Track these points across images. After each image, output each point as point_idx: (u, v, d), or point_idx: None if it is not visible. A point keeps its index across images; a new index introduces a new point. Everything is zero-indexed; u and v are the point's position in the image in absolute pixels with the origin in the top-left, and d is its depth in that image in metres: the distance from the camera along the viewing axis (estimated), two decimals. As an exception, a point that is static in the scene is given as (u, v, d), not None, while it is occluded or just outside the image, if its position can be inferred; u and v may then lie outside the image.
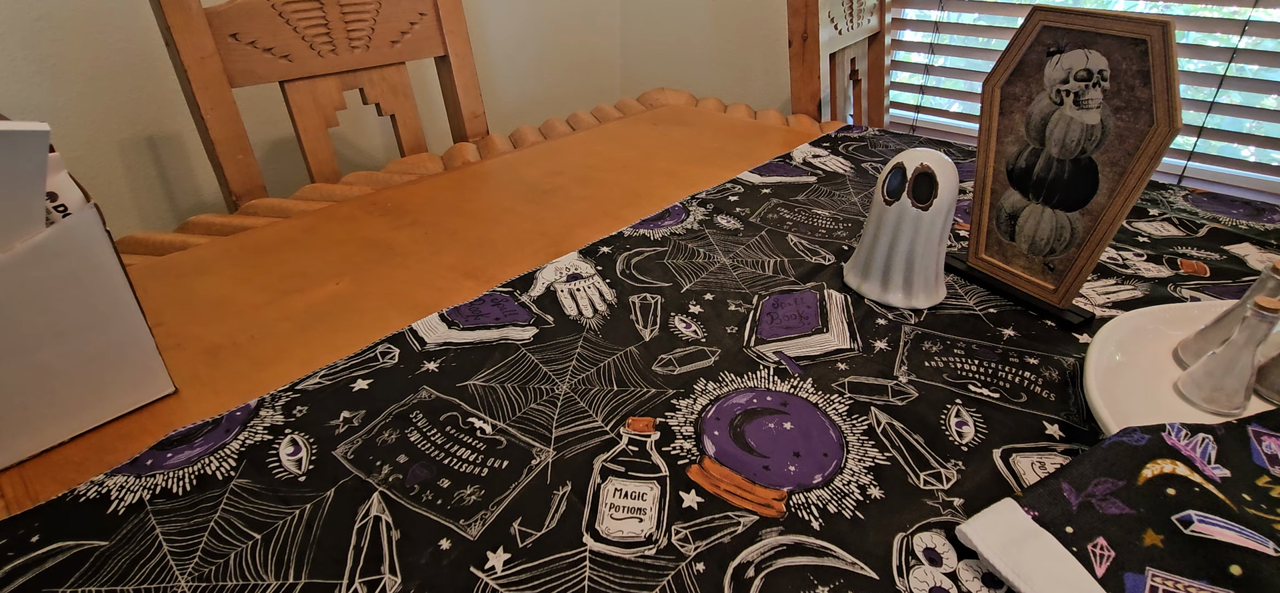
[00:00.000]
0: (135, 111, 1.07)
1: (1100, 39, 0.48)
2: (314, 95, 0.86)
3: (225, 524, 0.35)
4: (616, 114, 1.13)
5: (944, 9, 1.41)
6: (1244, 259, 0.64)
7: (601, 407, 0.44)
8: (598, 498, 0.36)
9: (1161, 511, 0.33)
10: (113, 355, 0.41)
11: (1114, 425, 0.38)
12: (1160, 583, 0.30)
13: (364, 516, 0.35)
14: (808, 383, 0.46)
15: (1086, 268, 0.51)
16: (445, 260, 0.63)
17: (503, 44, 1.60)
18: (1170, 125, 0.45)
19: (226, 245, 0.65)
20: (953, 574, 0.33)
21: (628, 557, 0.33)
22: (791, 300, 0.56)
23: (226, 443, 0.40)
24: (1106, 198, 0.50)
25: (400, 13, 0.92)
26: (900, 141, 0.99)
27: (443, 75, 1.00)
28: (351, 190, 0.79)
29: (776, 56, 1.63)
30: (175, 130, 1.12)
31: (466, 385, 0.45)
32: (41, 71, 0.97)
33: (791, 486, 0.37)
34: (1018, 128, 0.54)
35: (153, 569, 0.32)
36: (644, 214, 0.72)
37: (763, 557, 0.33)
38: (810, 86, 1.11)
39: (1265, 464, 0.36)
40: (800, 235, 0.68)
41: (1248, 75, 1.15)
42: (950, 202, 0.52)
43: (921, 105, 1.52)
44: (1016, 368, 0.48)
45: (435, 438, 0.41)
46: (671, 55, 1.83)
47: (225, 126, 0.78)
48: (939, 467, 0.39)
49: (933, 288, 0.55)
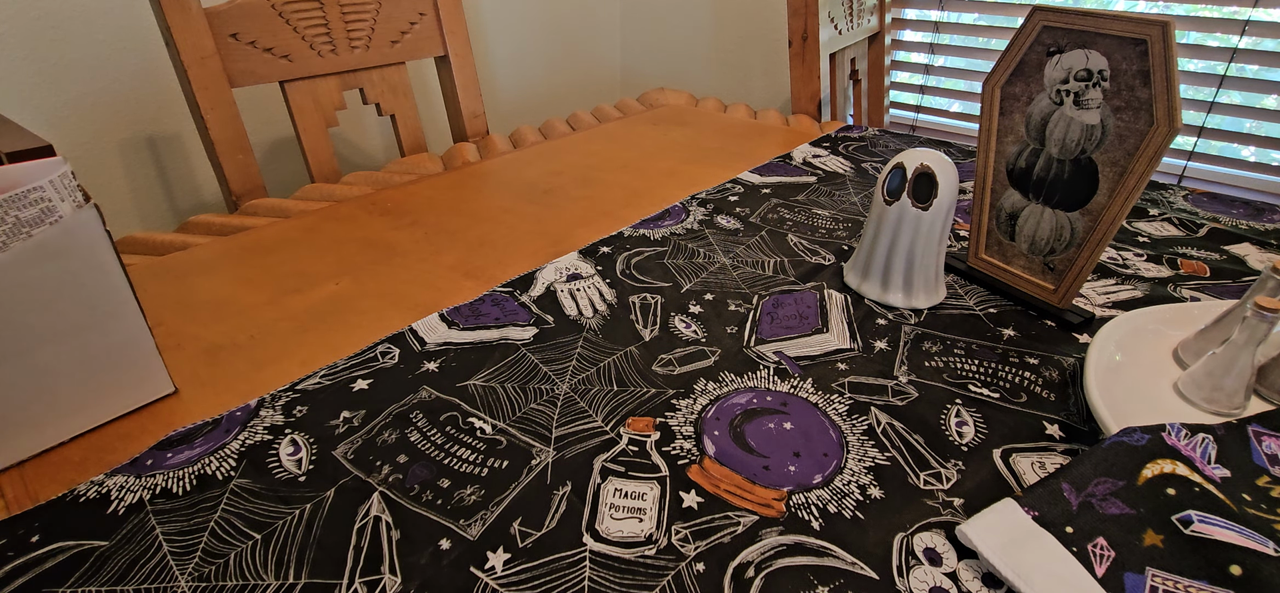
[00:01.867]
0: (135, 111, 1.07)
1: (1100, 39, 0.48)
2: (314, 95, 0.86)
3: (225, 524, 0.35)
4: (616, 114, 1.13)
5: (944, 9, 1.41)
6: (1244, 259, 0.64)
7: (601, 407, 0.44)
8: (598, 498, 0.36)
9: (1161, 510, 0.33)
10: (113, 356, 0.41)
11: (1114, 425, 0.38)
12: (1160, 583, 0.30)
13: (364, 516, 0.35)
14: (808, 383, 0.46)
15: (1086, 268, 0.51)
16: (445, 260, 0.63)
17: (503, 44, 1.60)
18: (1170, 125, 0.45)
19: (226, 245, 0.65)
20: (953, 574, 0.33)
21: (628, 557, 0.33)
22: (791, 300, 0.56)
23: (226, 443, 0.40)
24: (1106, 198, 0.50)
25: (400, 13, 0.92)
26: (900, 141, 0.99)
27: (443, 75, 1.00)
28: (351, 190, 0.79)
29: (776, 56, 1.63)
30: (175, 130, 1.12)
31: (466, 385, 0.45)
32: (41, 71, 0.97)
33: (791, 486, 0.37)
34: (1018, 128, 0.54)
35: (153, 569, 0.32)
36: (644, 214, 0.72)
37: (763, 557, 0.33)
38: (810, 86, 1.11)
39: (1265, 464, 0.36)
40: (800, 235, 0.68)
41: (1248, 75, 1.15)
42: (950, 202, 0.52)
43: (921, 105, 1.52)
44: (1016, 368, 0.48)
45: (435, 438, 0.41)
46: (671, 55, 1.83)
47: (225, 127, 0.78)
48: (939, 467, 0.39)
49: (933, 288, 0.55)
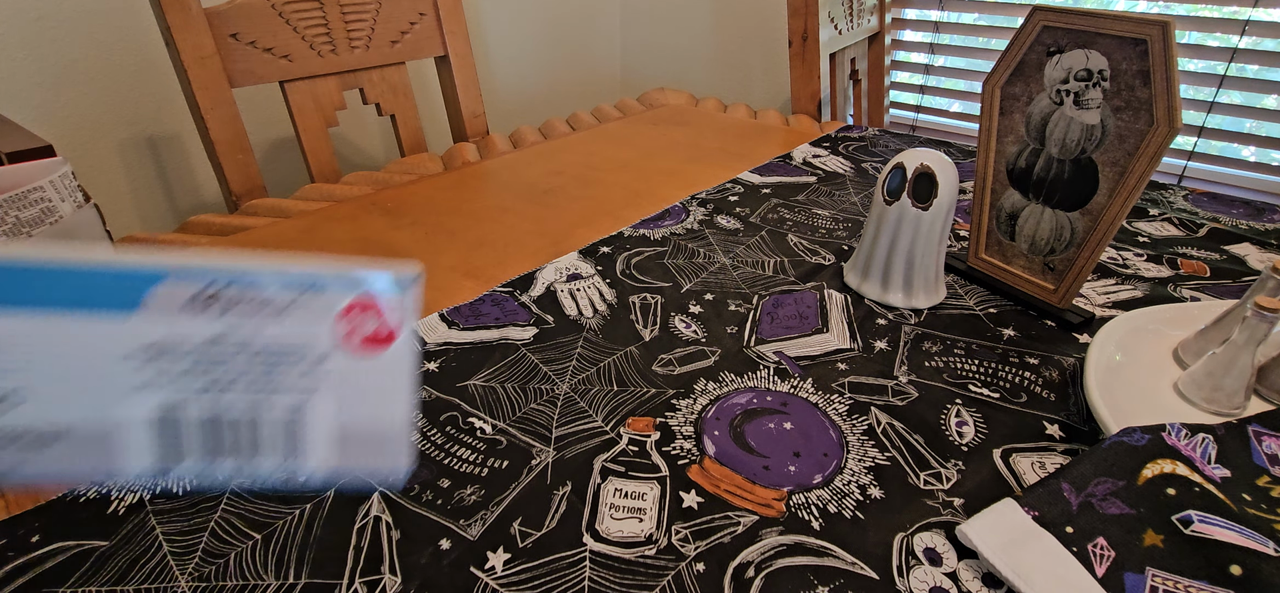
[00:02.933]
0: (135, 111, 1.07)
1: (1100, 39, 0.48)
2: (314, 95, 0.86)
3: (225, 524, 0.35)
4: (616, 114, 1.13)
5: (944, 9, 1.41)
6: (1244, 259, 0.64)
7: (601, 407, 0.44)
8: (598, 498, 0.36)
9: (1161, 510, 0.33)
10: (113, 355, 0.40)
11: (1114, 425, 0.38)
12: (1160, 583, 0.30)
13: (364, 516, 0.35)
14: (808, 383, 0.46)
15: (1086, 268, 0.51)
16: (445, 260, 0.63)
17: (503, 44, 1.60)
18: (1170, 125, 0.45)
19: (226, 245, 0.65)
20: (953, 574, 0.33)
21: (628, 557, 0.33)
22: (791, 300, 0.56)
23: (226, 443, 0.40)
24: (1106, 198, 0.50)
25: (400, 13, 0.92)
26: (900, 141, 0.99)
27: (443, 75, 1.00)
28: (351, 190, 0.79)
29: (776, 56, 1.63)
30: (175, 130, 1.12)
31: (466, 385, 0.45)
32: (41, 71, 0.97)
33: (791, 485, 0.37)
34: (1018, 128, 0.54)
35: (153, 569, 0.32)
36: (644, 214, 0.72)
37: (763, 557, 0.33)
38: (810, 86, 1.11)
39: (1265, 464, 0.36)
40: (800, 235, 0.68)
41: (1248, 75, 1.15)
42: (950, 202, 0.52)
43: (921, 105, 1.52)
44: (1016, 368, 0.48)
45: (435, 438, 0.41)
46: (671, 55, 1.83)
47: (225, 127, 0.78)
48: (939, 467, 0.39)
49: (933, 288, 0.55)
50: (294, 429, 0.20)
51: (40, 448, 0.19)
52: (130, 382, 0.19)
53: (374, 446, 0.21)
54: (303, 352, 0.20)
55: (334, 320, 0.19)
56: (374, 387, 0.20)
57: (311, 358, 0.20)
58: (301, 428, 0.20)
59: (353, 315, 0.19)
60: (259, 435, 0.20)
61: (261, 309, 0.19)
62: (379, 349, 0.20)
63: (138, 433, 0.20)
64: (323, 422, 0.20)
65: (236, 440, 0.20)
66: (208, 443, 0.20)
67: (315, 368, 0.20)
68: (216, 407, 0.20)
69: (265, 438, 0.20)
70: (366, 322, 0.20)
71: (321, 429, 0.20)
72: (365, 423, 0.21)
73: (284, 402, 0.20)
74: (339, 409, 0.20)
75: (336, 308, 0.19)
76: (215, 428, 0.20)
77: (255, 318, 0.19)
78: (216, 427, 0.20)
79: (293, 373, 0.20)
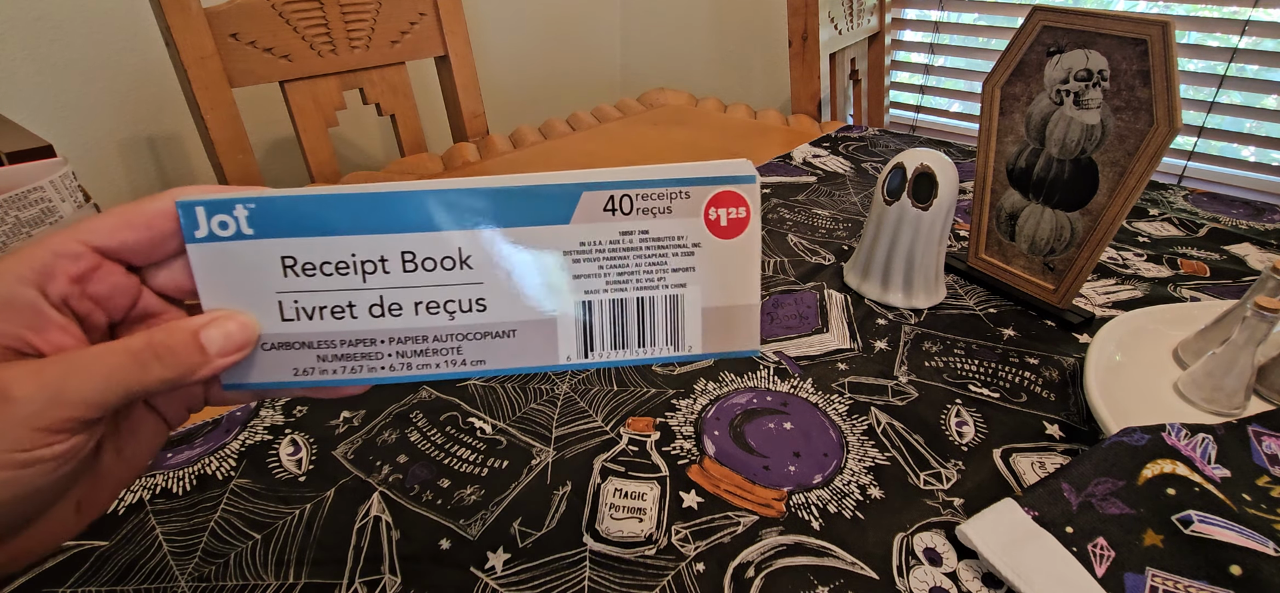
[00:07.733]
0: (135, 111, 1.07)
1: (1100, 39, 0.48)
2: (314, 95, 0.86)
3: (225, 524, 0.35)
4: (616, 114, 1.13)
5: (944, 9, 1.41)
6: (1244, 259, 0.64)
7: (601, 407, 0.44)
8: (598, 498, 0.36)
9: (1161, 510, 0.33)
10: (113, 355, 0.40)
11: (1114, 425, 0.38)
12: (1160, 583, 0.30)
13: (364, 516, 0.35)
14: (808, 383, 0.46)
15: (1086, 268, 0.51)
16: (445, 260, 0.63)
17: (503, 44, 1.60)
18: (1170, 125, 0.45)
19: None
20: (953, 574, 0.33)
21: (628, 557, 0.33)
22: (791, 300, 0.56)
23: (226, 443, 0.40)
24: (1106, 198, 0.50)
25: (400, 13, 0.92)
26: (900, 141, 0.99)
27: (443, 75, 1.00)
28: (351, 190, 0.79)
29: (776, 56, 1.64)
30: (175, 130, 1.12)
31: (466, 385, 0.45)
32: (41, 71, 0.97)
33: (791, 485, 0.37)
34: (1018, 128, 0.54)
35: (153, 569, 0.32)
36: (644, 214, 0.72)
37: (763, 557, 0.33)
38: (810, 86, 1.11)
39: (1265, 464, 0.36)
40: (800, 235, 0.68)
41: (1248, 75, 1.15)
42: (950, 202, 0.52)
43: (921, 105, 1.52)
44: (1016, 368, 0.48)
45: (435, 438, 0.41)
46: (671, 55, 1.83)
47: (225, 127, 0.78)
48: (939, 467, 0.39)
49: (933, 288, 0.55)
50: (676, 313, 0.24)
51: (500, 343, 0.24)
52: (566, 280, 0.23)
53: (734, 324, 0.25)
54: (681, 241, 0.24)
55: (704, 211, 0.23)
56: (735, 267, 0.24)
57: (689, 245, 0.24)
58: (681, 312, 0.25)
59: (718, 205, 0.23)
60: (653, 320, 0.24)
61: (651, 208, 0.23)
62: (738, 233, 0.24)
63: (567, 326, 0.24)
64: (696, 305, 0.24)
65: (635, 327, 0.24)
66: (613, 332, 0.24)
67: (691, 255, 0.24)
68: (621, 296, 0.24)
69: (657, 322, 0.24)
70: (729, 210, 0.24)
71: (695, 312, 0.25)
72: (727, 303, 0.25)
73: (668, 289, 0.24)
74: (707, 294, 0.24)
75: (705, 200, 0.23)
76: (621, 316, 0.24)
77: (646, 217, 0.23)
78: (622, 315, 0.24)
79: (674, 262, 0.24)
